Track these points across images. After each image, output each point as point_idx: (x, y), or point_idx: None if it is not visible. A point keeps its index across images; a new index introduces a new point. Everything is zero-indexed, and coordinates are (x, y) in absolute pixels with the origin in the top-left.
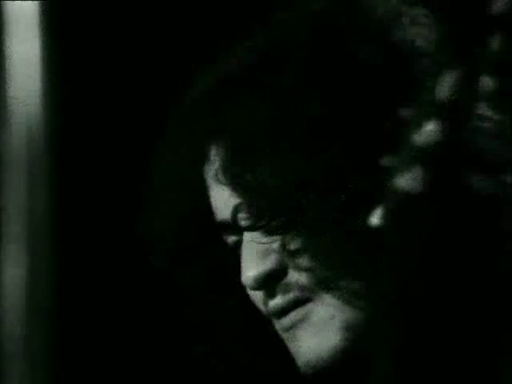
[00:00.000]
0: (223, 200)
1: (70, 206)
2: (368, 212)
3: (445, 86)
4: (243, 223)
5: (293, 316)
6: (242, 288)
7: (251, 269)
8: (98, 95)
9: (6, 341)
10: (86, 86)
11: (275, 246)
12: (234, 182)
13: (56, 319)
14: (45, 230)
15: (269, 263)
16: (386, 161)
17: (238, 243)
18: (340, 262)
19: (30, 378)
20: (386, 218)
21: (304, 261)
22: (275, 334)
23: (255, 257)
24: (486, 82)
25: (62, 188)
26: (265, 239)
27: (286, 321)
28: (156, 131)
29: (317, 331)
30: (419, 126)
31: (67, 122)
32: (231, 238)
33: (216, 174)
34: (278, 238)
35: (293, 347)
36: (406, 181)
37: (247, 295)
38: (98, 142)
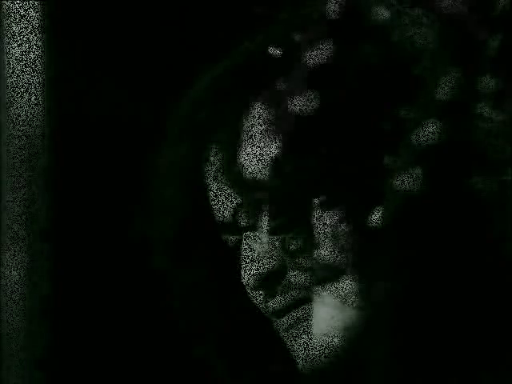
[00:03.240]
0: (223, 200)
1: (69, 206)
2: (368, 212)
3: (445, 86)
4: (243, 223)
5: (293, 316)
6: (242, 288)
7: (251, 269)
8: (97, 95)
9: (6, 340)
10: (85, 86)
11: (275, 245)
12: (234, 181)
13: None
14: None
15: (269, 263)
16: (386, 161)
17: (238, 243)
18: (340, 261)
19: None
20: (386, 217)
21: (304, 261)
22: (275, 334)
23: (255, 257)
24: (486, 82)
25: (62, 188)
26: (265, 239)
27: (286, 321)
28: (156, 131)
29: (317, 331)
30: (419, 125)
31: (67, 122)
32: (231, 238)
33: (216, 174)
34: (278, 238)
35: (293, 347)
36: (406, 181)
37: (247, 295)
38: (97, 141)
